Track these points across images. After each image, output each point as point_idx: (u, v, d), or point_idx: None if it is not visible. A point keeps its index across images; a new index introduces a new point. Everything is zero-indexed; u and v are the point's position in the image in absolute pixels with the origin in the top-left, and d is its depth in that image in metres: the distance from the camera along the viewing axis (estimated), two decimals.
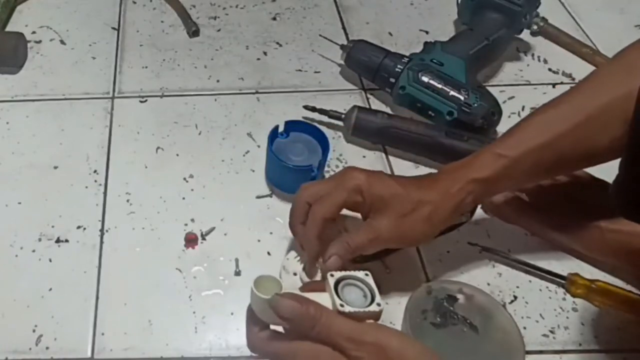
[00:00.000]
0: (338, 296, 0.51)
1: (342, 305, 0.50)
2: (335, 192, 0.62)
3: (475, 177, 0.62)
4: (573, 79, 0.98)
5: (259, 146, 0.88)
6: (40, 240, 0.77)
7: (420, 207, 0.61)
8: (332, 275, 0.53)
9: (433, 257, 0.76)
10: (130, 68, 1.00)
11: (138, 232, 0.78)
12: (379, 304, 0.51)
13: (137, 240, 0.77)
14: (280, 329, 0.53)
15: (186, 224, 0.79)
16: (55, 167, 0.86)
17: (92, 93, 0.96)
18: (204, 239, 0.77)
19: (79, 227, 0.79)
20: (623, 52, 0.66)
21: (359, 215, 0.65)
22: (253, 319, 0.52)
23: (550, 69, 1.00)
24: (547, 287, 0.73)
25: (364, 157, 0.87)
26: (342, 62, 0.98)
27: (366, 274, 0.54)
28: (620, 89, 0.61)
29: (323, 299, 0.51)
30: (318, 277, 0.64)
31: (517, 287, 0.73)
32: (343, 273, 0.53)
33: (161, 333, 0.69)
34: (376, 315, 0.51)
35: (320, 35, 1.04)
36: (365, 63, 0.93)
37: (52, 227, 0.79)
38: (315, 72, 1.00)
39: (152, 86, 0.97)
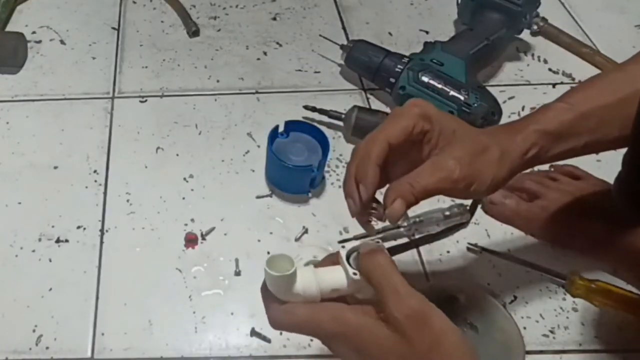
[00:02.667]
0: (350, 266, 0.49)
1: (355, 274, 0.48)
2: (401, 117, 0.53)
3: (539, 128, 0.56)
4: (573, 79, 0.98)
5: (259, 146, 0.88)
6: (40, 240, 0.77)
7: (491, 149, 0.54)
8: (342, 247, 0.51)
9: (433, 257, 0.76)
10: (130, 68, 1.00)
11: (138, 232, 0.78)
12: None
13: (137, 240, 0.77)
14: None
15: (186, 224, 0.79)
16: (55, 167, 0.86)
17: (92, 93, 0.96)
18: (204, 239, 0.77)
19: (79, 227, 0.79)
20: None
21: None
22: (271, 297, 0.51)
23: (550, 69, 1.00)
24: (547, 287, 0.73)
25: None
26: (342, 62, 0.98)
27: (377, 242, 0.51)
28: None
29: (337, 271, 0.50)
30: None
31: (517, 287, 0.73)
32: (354, 244, 0.51)
33: (161, 333, 0.69)
34: None
35: (320, 35, 1.04)
36: (365, 63, 0.93)
37: (52, 227, 0.79)
38: (315, 72, 1.00)
39: (152, 86, 0.97)
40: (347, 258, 0.50)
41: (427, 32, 1.07)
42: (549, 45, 1.05)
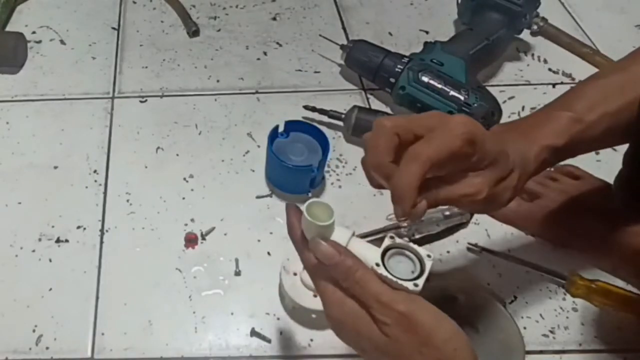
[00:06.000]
0: (382, 258, 0.48)
1: (377, 265, 0.47)
2: (446, 135, 0.49)
3: (550, 144, 0.55)
4: (573, 79, 0.98)
5: (259, 146, 0.88)
6: (40, 240, 0.77)
7: (513, 174, 0.53)
8: (391, 237, 0.49)
9: (433, 257, 0.75)
10: (130, 68, 1.00)
11: (138, 232, 0.78)
12: (416, 285, 0.47)
13: (137, 240, 0.77)
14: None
15: (186, 224, 0.79)
16: (55, 167, 0.86)
17: (92, 93, 0.96)
18: (204, 239, 0.77)
19: (79, 227, 0.79)
20: None
21: None
22: (305, 243, 0.50)
23: (550, 69, 1.00)
24: (547, 287, 0.73)
25: None
26: (342, 62, 0.98)
27: (428, 255, 0.49)
28: None
29: (371, 250, 0.49)
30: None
31: (517, 287, 0.73)
32: (402, 242, 0.49)
33: (161, 333, 0.69)
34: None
35: (320, 35, 1.04)
36: (365, 63, 0.93)
37: (52, 227, 0.79)
38: (315, 72, 1.00)
39: (152, 86, 0.97)
40: (386, 251, 0.49)
41: (427, 32, 1.07)
42: (549, 45, 1.05)
